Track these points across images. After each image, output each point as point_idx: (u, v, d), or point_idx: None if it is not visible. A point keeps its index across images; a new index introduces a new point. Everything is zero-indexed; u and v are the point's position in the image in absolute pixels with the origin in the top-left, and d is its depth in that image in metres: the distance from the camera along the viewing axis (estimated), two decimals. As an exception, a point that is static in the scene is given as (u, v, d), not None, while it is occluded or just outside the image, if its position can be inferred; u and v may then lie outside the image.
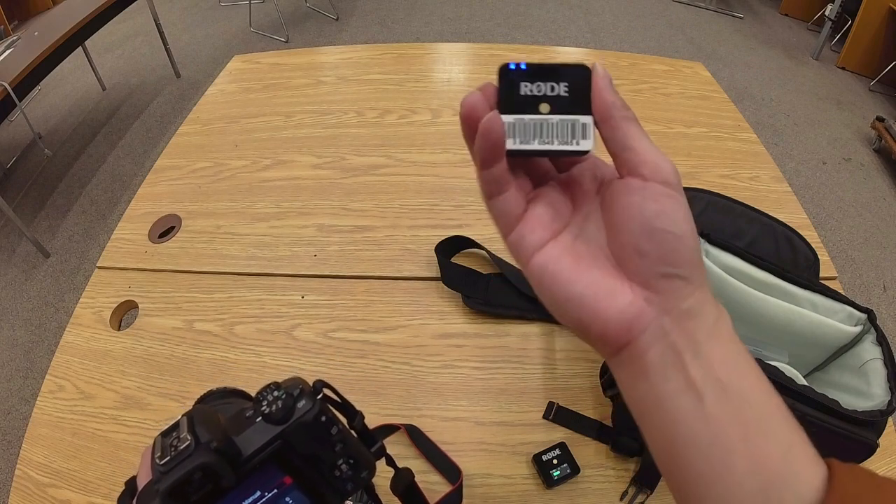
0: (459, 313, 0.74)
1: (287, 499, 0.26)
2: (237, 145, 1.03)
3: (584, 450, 0.61)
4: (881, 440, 0.46)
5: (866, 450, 0.46)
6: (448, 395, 0.66)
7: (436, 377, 0.68)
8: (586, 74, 0.24)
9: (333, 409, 0.30)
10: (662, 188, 0.23)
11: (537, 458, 0.59)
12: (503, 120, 0.24)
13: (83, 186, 2.27)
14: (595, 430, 0.62)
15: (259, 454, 0.26)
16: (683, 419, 0.23)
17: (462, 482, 0.58)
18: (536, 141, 0.24)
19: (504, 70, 0.25)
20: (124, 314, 0.78)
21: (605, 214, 0.26)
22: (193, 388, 0.68)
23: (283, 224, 0.87)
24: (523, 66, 0.24)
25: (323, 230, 0.86)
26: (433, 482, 0.59)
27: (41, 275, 1.94)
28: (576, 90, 0.24)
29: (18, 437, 1.48)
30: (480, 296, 0.74)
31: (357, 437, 0.31)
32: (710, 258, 0.59)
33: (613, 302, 0.24)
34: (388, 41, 3.09)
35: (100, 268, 0.83)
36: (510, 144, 0.24)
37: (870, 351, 0.52)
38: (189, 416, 0.26)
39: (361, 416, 0.33)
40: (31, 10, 3.50)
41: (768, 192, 0.93)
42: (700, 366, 0.23)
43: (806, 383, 0.48)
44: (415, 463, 0.60)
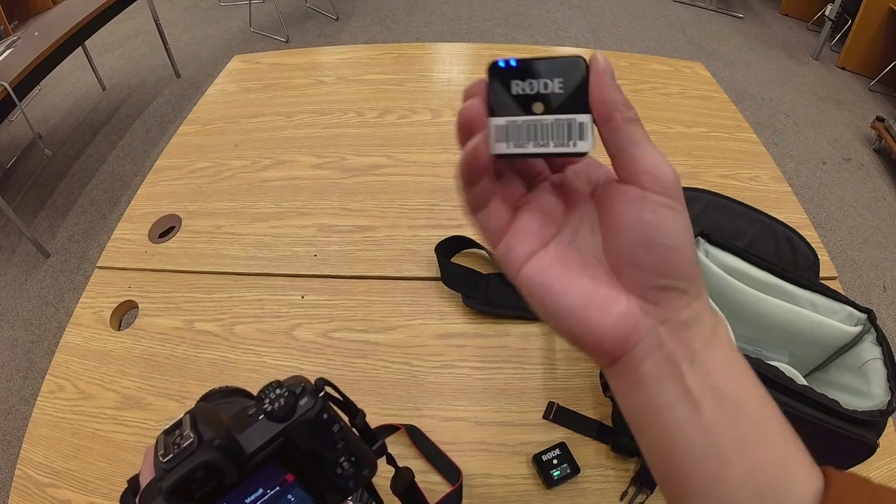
0: (459, 313, 0.74)
1: (289, 496, 0.26)
2: (237, 145, 1.03)
3: (584, 450, 0.61)
4: (881, 440, 0.46)
5: (866, 450, 0.46)
6: (448, 395, 0.66)
7: (436, 377, 0.68)
8: (582, 69, 0.22)
9: (335, 408, 0.30)
10: (662, 198, 0.22)
11: (537, 458, 0.59)
12: (494, 123, 0.23)
13: (83, 186, 2.27)
14: (595, 430, 0.62)
15: (261, 452, 0.26)
16: (680, 428, 0.23)
17: (462, 482, 0.58)
18: (531, 144, 0.23)
19: (493, 69, 0.23)
20: (124, 314, 0.79)
21: (601, 220, 0.25)
22: (193, 388, 0.68)
23: (283, 224, 0.88)
24: (513, 64, 0.23)
25: (323, 230, 0.86)
26: (433, 482, 0.59)
27: (41, 275, 1.94)
28: (571, 86, 0.22)
29: (18, 437, 1.48)
30: (480, 296, 0.74)
31: (358, 436, 0.31)
32: (710, 258, 0.59)
33: (608, 313, 0.23)
34: (388, 41, 3.09)
35: (100, 268, 0.83)
36: (503, 148, 0.23)
37: (870, 351, 0.52)
38: (192, 414, 0.26)
39: (363, 415, 0.33)
40: (31, 10, 3.49)
41: (768, 192, 0.93)
42: (697, 374, 0.23)
43: (806, 383, 0.48)
44: (415, 463, 0.60)
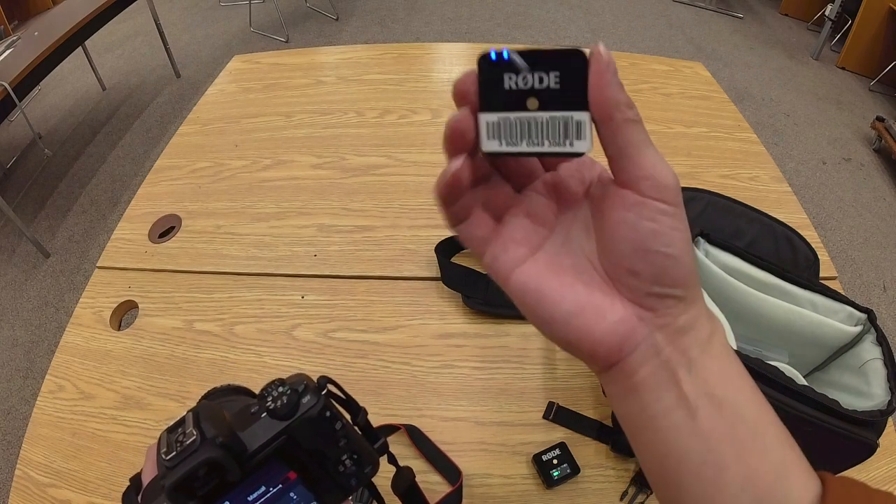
0: (459, 313, 0.74)
1: (291, 494, 0.26)
2: (237, 145, 1.03)
3: (584, 450, 0.61)
4: (881, 440, 0.45)
5: (866, 450, 0.46)
6: (448, 395, 0.66)
7: (436, 377, 0.68)
8: (581, 62, 0.20)
9: (337, 406, 0.30)
10: (661, 205, 0.21)
11: (537, 458, 0.59)
12: (485, 119, 0.22)
13: (83, 186, 2.27)
14: (595, 430, 0.62)
15: (264, 449, 0.26)
16: (676, 435, 0.23)
17: (462, 482, 0.58)
18: (524, 142, 0.21)
19: (484, 61, 0.21)
20: (124, 314, 0.79)
21: (596, 223, 0.24)
22: (193, 388, 0.68)
23: (283, 224, 0.88)
24: (506, 56, 0.21)
25: (323, 230, 0.86)
26: (433, 482, 0.59)
27: (41, 275, 1.94)
28: (569, 81, 0.21)
29: (18, 437, 1.48)
30: (480, 296, 0.74)
31: (360, 434, 0.31)
32: (710, 258, 0.59)
33: (602, 320, 0.23)
34: (388, 41, 3.09)
35: (100, 268, 0.83)
36: (494, 147, 0.22)
37: (870, 351, 0.52)
38: (194, 412, 0.26)
39: (365, 413, 0.33)
40: (31, 10, 3.49)
41: (768, 192, 0.93)
42: (694, 381, 0.22)
43: (806, 383, 0.48)
44: (415, 463, 0.60)
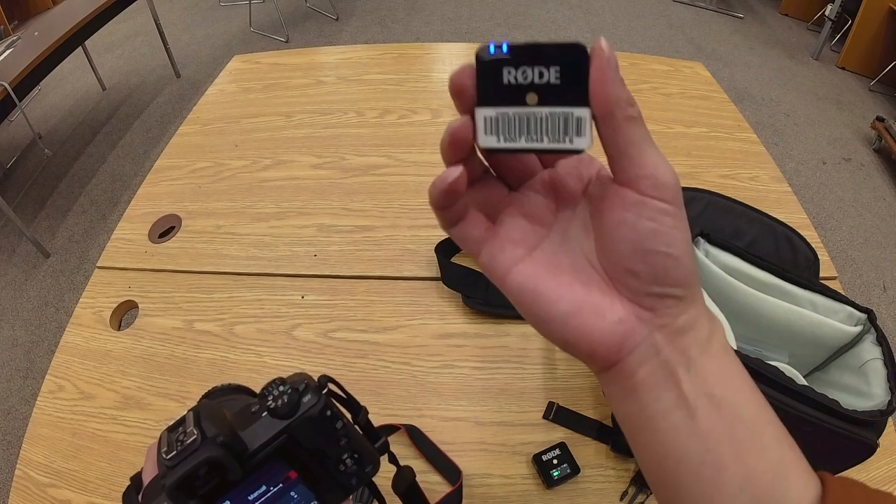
0: (459, 313, 0.74)
1: (292, 493, 0.26)
2: (237, 145, 1.03)
3: (584, 450, 0.61)
4: (881, 440, 0.45)
5: (866, 450, 0.46)
6: (448, 395, 0.66)
7: (436, 377, 0.68)
8: (582, 57, 0.20)
9: (338, 405, 0.30)
10: (661, 204, 0.21)
11: (537, 458, 0.59)
12: (482, 114, 0.21)
13: (83, 186, 2.27)
14: (595, 430, 0.62)
15: (265, 448, 0.26)
16: (675, 435, 0.22)
17: (462, 482, 0.58)
18: (523, 138, 0.21)
19: (482, 55, 0.21)
20: (124, 314, 0.79)
21: (595, 221, 0.24)
22: (193, 388, 0.68)
23: (283, 224, 0.88)
24: (504, 49, 0.20)
25: (323, 230, 0.86)
26: (433, 482, 0.59)
27: (41, 275, 1.94)
28: (569, 76, 0.20)
29: (18, 437, 1.48)
30: (480, 296, 0.74)
31: (361, 433, 0.31)
32: (710, 258, 0.59)
33: (601, 320, 0.23)
34: (388, 41, 3.09)
35: (100, 268, 0.83)
36: (492, 143, 0.21)
37: (870, 351, 0.52)
38: (195, 411, 0.26)
39: (365, 412, 0.33)
40: (31, 10, 3.49)
41: (768, 192, 0.93)
42: (693, 381, 0.22)
43: (806, 383, 0.48)
44: (415, 463, 0.60)
